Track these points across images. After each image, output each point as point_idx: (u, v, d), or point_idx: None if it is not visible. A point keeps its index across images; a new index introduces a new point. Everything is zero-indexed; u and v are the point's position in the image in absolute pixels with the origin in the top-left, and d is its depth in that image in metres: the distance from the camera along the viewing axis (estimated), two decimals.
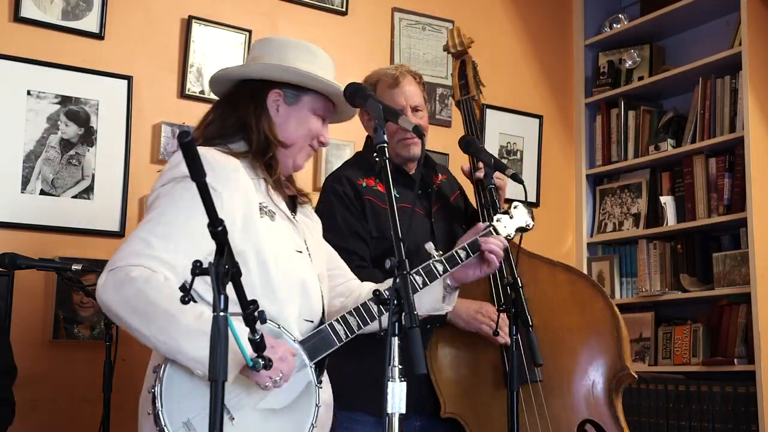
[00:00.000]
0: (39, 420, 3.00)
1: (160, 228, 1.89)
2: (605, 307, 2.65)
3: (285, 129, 2.13)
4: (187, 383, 1.83)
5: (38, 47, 3.17)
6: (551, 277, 2.73)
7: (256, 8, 3.65)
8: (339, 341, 2.02)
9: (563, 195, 4.46)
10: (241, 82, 2.17)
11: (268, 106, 2.13)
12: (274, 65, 2.12)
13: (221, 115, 2.14)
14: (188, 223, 1.89)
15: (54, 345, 3.09)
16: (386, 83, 2.73)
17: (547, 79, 4.47)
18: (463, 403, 2.65)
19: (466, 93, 3.01)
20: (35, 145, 3.13)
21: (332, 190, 2.66)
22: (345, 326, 2.03)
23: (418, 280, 2.15)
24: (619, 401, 2.65)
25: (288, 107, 2.14)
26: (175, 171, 1.96)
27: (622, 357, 2.60)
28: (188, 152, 1.34)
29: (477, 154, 2.72)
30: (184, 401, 1.82)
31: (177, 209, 1.91)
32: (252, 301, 1.54)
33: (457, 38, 3.07)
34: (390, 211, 1.87)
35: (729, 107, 3.87)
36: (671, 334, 3.97)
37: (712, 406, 3.66)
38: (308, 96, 2.15)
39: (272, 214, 2.05)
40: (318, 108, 2.16)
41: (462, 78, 3.05)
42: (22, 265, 2.69)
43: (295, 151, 2.16)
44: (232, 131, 2.10)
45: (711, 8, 4.10)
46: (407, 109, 2.69)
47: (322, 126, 2.18)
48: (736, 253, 3.77)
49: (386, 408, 1.75)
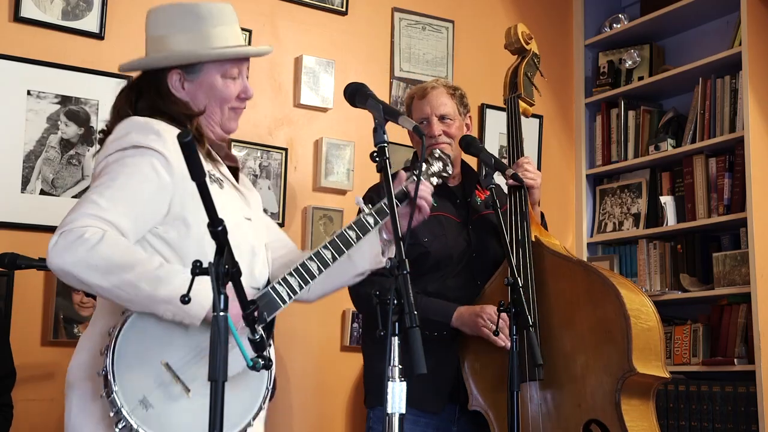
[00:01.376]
0: (39, 420, 3.00)
1: (109, 192, 1.89)
2: (616, 306, 2.61)
3: (197, 103, 2.11)
4: (143, 347, 1.83)
5: (38, 47, 3.17)
6: (571, 275, 2.73)
7: (256, 8, 3.65)
8: (283, 303, 2.01)
9: (563, 195, 4.46)
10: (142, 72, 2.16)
11: (172, 88, 2.10)
12: (154, 58, 2.11)
13: (128, 101, 2.11)
14: (139, 190, 1.91)
15: (54, 345, 3.09)
16: (418, 95, 2.89)
17: (547, 79, 4.46)
18: (487, 398, 2.71)
19: (514, 91, 3.03)
20: (35, 145, 3.13)
21: (369, 198, 2.76)
22: (287, 287, 2.02)
23: (352, 234, 2.13)
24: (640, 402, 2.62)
25: (192, 83, 2.11)
26: (122, 141, 1.96)
27: (630, 358, 2.56)
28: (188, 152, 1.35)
29: (477, 154, 2.74)
30: (137, 373, 1.81)
31: (127, 175, 1.91)
32: (252, 301, 1.55)
33: (513, 36, 3.12)
34: (390, 211, 1.88)
35: (729, 107, 3.87)
36: (671, 334, 3.97)
37: (712, 406, 3.66)
38: (209, 64, 2.10)
39: (220, 182, 2.06)
40: (224, 70, 2.12)
41: (514, 76, 3.07)
42: (22, 265, 2.69)
43: (218, 117, 2.13)
44: (147, 114, 2.06)
45: (711, 8, 4.09)
46: (432, 117, 2.81)
47: (235, 84, 2.13)
48: (736, 253, 3.77)
49: (386, 408, 1.75)
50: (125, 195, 1.90)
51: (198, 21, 2.11)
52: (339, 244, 2.11)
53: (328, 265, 2.07)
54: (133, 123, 2.00)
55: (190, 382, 1.85)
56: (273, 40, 3.66)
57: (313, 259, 2.06)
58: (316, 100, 3.69)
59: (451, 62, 4.09)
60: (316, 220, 3.61)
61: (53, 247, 1.83)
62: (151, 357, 1.84)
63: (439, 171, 2.37)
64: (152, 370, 1.83)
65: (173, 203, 1.95)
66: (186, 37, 2.09)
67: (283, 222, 3.59)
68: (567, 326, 2.68)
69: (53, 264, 1.84)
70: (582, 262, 2.85)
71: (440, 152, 2.37)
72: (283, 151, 3.61)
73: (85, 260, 1.80)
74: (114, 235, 1.85)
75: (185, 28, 2.10)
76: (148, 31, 2.19)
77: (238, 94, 2.14)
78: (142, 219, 1.92)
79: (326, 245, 2.09)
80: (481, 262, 2.84)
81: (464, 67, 4.12)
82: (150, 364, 1.83)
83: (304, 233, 3.63)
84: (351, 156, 3.70)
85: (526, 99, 3.03)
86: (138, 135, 1.96)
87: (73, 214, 1.88)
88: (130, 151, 1.94)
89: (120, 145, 1.96)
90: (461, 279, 2.80)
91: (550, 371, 2.64)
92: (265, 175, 3.56)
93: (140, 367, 1.82)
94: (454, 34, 4.13)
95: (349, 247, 2.12)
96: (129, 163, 1.93)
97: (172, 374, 1.84)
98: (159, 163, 1.93)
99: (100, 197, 1.88)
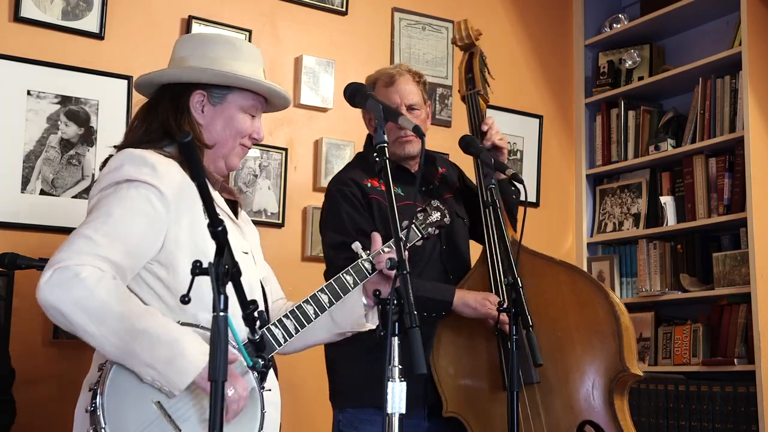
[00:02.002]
0: (39, 420, 3.00)
1: (105, 228, 1.85)
2: (606, 307, 2.62)
3: (211, 130, 2.08)
4: (134, 385, 1.79)
5: (38, 47, 3.17)
6: (554, 276, 2.72)
7: (256, 8, 3.65)
8: (278, 344, 1.99)
9: (563, 195, 4.46)
10: (163, 86, 2.12)
11: (192, 108, 2.08)
12: (191, 68, 2.07)
13: (145, 119, 2.10)
14: (134, 224, 1.87)
15: (54, 345, 3.09)
16: (383, 82, 2.75)
17: (547, 79, 4.47)
18: (464, 403, 2.66)
19: (472, 87, 2.98)
20: (35, 145, 3.13)
21: (339, 191, 2.68)
22: (282, 329, 2.00)
23: (349, 279, 2.10)
24: (623, 401, 2.63)
25: (213, 107, 2.09)
26: (115, 174, 1.93)
27: (623, 357, 2.57)
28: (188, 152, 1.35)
29: (477, 154, 2.73)
30: (127, 412, 1.77)
31: (122, 210, 1.88)
32: (252, 301, 1.54)
33: (464, 30, 3.04)
34: (390, 211, 1.88)
35: (729, 107, 3.87)
36: (671, 334, 3.97)
37: (712, 406, 3.66)
38: (234, 94, 2.09)
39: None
40: (246, 105, 2.11)
41: (468, 71, 3.01)
42: (22, 265, 2.69)
43: (226, 151, 2.10)
44: (157, 136, 2.05)
45: (711, 8, 4.09)
46: (402, 108, 2.70)
47: (252, 122, 2.13)
48: (736, 253, 3.77)
49: (386, 408, 1.75)
50: (120, 231, 1.86)
51: (231, 51, 2.10)
52: (336, 288, 2.08)
53: (324, 309, 2.05)
54: (126, 156, 1.96)
55: (181, 422, 1.81)
56: (273, 40, 3.67)
57: (309, 302, 2.04)
58: (316, 100, 3.69)
59: (451, 62, 4.09)
60: (316, 220, 3.60)
61: (45, 282, 1.77)
62: (142, 395, 1.79)
63: (437, 221, 2.30)
64: (143, 408, 1.78)
65: (168, 238, 1.92)
66: (215, 61, 2.07)
67: (283, 222, 3.59)
68: (553, 327, 2.65)
69: (43, 299, 1.77)
70: (564, 262, 2.82)
71: (437, 203, 2.31)
72: (283, 151, 3.61)
73: (79, 301, 1.75)
74: (111, 277, 1.81)
75: (216, 53, 2.09)
76: (176, 51, 2.15)
77: (251, 133, 2.13)
78: (137, 254, 1.88)
79: (323, 289, 2.07)
80: (451, 254, 2.78)
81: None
82: (141, 401, 1.78)
83: (304, 233, 3.63)
84: (351, 156, 3.70)
85: (484, 96, 2.99)
86: (132, 168, 1.92)
87: (68, 251, 1.82)
88: (125, 185, 1.91)
89: (113, 179, 1.93)
90: (434, 271, 2.73)
91: (539, 374, 2.63)
92: (265, 175, 3.56)
93: (130, 405, 1.78)
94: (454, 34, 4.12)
95: (345, 292, 2.09)
96: (123, 196, 1.90)
97: (164, 413, 1.80)
98: (154, 196, 1.90)
99: (95, 233, 1.84)
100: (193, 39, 2.16)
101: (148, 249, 1.90)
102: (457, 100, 4.08)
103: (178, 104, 2.07)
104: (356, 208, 2.63)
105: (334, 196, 2.69)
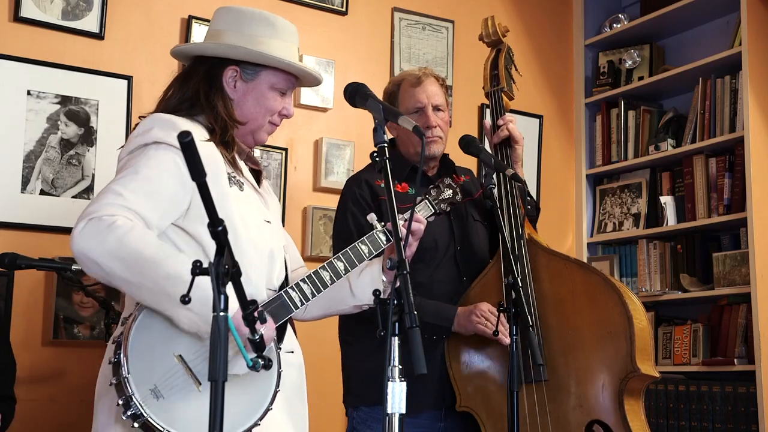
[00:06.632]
0: (39, 420, 3.00)
1: (133, 184, 1.90)
2: (619, 308, 2.60)
3: (242, 106, 2.13)
4: (157, 338, 1.82)
5: (38, 47, 3.17)
6: (569, 275, 2.72)
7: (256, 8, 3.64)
8: (295, 307, 2.04)
9: (563, 195, 4.46)
10: (198, 57, 2.16)
11: (225, 83, 2.12)
12: (227, 45, 2.11)
13: (179, 89, 2.13)
14: (161, 183, 1.91)
15: (54, 345, 3.09)
16: (409, 82, 2.82)
17: (547, 79, 4.47)
18: (477, 398, 2.69)
19: (497, 84, 3.01)
20: (35, 145, 3.13)
21: (350, 192, 2.76)
22: (300, 293, 2.04)
23: (364, 249, 2.15)
24: (637, 402, 2.62)
25: (245, 84, 2.13)
26: (144, 137, 1.97)
27: (633, 359, 2.55)
28: (189, 152, 1.34)
29: (477, 154, 2.73)
30: (150, 363, 1.80)
31: (150, 170, 1.92)
32: (252, 301, 1.54)
33: (491, 27, 3.07)
34: (390, 211, 1.88)
35: (729, 107, 3.87)
36: (671, 334, 3.97)
37: (712, 406, 3.66)
38: (266, 72, 2.14)
39: (241, 185, 2.07)
40: (277, 82, 2.15)
41: (494, 68, 3.04)
42: (22, 265, 2.69)
43: (255, 127, 2.16)
44: (189, 105, 2.09)
45: (711, 8, 4.09)
46: (428, 107, 2.77)
47: (282, 100, 2.17)
48: (736, 253, 3.77)
49: (386, 408, 1.75)
50: (148, 188, 1.90)
51: (267, 28, 2.14)
52: (351, 256, 2.12)
53: (340, 275, 2.09)
54: (156, 119, 2.00)
55: (201, 376, 1.84)
56: None
57: (326, 268, 2.08)
58: (316, 100, 3.69)
59: (451, 62, 4.09)
60: (316, 220, 3.61)
61: (80, 232, 1.81)
62: (165, 348, 1.83)
63: (450, 198, 2.36)
64: (165, 360, 1.82)
65: (193, 204, 1.96)
66: (251, 38, 2.11)
67: (283, 222, 3.58)
68: (565, 326, 2.66)
69: (77, 249, 1.81)
70: (578, 261, 2.84)
71: (450, 180, 2.37)
72: (283, 151, 3.61)
73: (113, 249, 1.79)
74: (143, 227, 1.84)
75: (252, 30, 2.12)
76: (215, 23, 2.19)
77: (281, 110, 2.17)
78: (164, 212, 1.92)
79: (339, 257, 2.11)
80: (465, 256, 2.80)
81: (464, 67, 4.12)
82: (163, 354, 1.82)
83: (304, 233, 3.63)
84: (351, 156, 3.70)
85: (508, 93, 3.01)
86: (160, 131, 1.97)
87: (98, 203, 1.86)
88: (152, 146, 1.95)
89: (142, 141, 1.97)
90: (447, 272, 2.76)
91: (549, 371, 2.63)
92: (265, 175, 3.56)
93: (153, 357, 1.81)
94: (454, 34, 4.13)
95: (361, 261, 2.13)
96: (152, 156, 1.94)
97: (185, 367, 1.84)
98: (180, 160, 1.92)
99: (124, 188, 1.88)
100: (231, 12, 2.18)
101: (174, 209, 1.94)
102: (457, 100, 4.08)
103: (211, 79, 2.11)
104: (363, 211, 2.66)
105: (345, 195, 2.78)
